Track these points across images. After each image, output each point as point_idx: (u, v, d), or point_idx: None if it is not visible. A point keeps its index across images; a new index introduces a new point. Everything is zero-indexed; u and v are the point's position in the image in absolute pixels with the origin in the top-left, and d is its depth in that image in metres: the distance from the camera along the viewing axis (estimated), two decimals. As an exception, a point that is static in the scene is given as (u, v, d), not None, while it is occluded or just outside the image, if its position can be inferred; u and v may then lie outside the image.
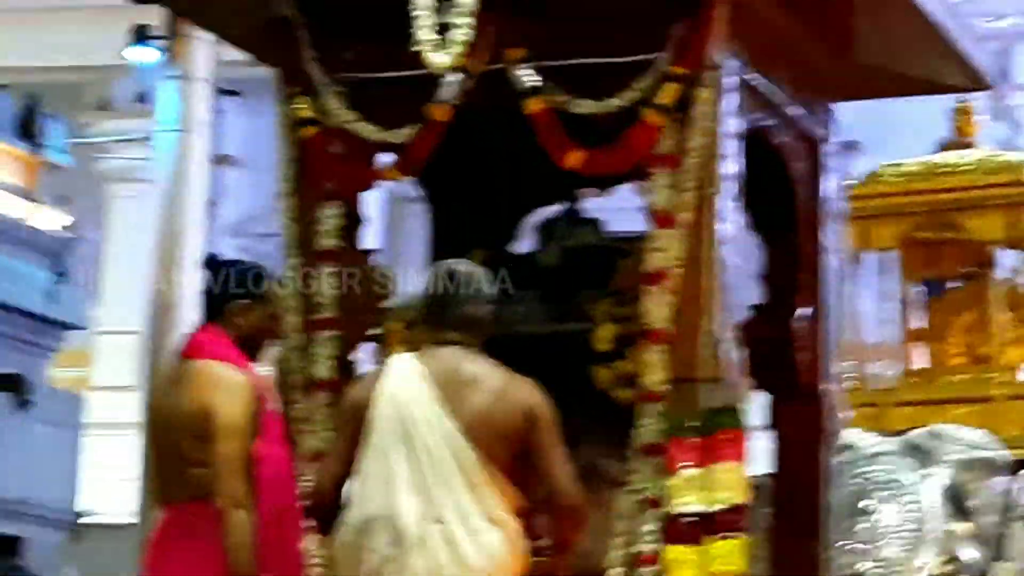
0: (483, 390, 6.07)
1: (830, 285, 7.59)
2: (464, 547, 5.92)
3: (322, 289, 6.93)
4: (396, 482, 6.00)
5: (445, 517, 5.94)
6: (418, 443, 6.02)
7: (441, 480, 5.98)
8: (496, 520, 5.98)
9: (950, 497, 9.85)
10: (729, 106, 6.60)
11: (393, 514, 5.96)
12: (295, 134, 6.98)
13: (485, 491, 5.99)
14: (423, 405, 6.05)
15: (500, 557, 5.97)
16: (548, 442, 6.05)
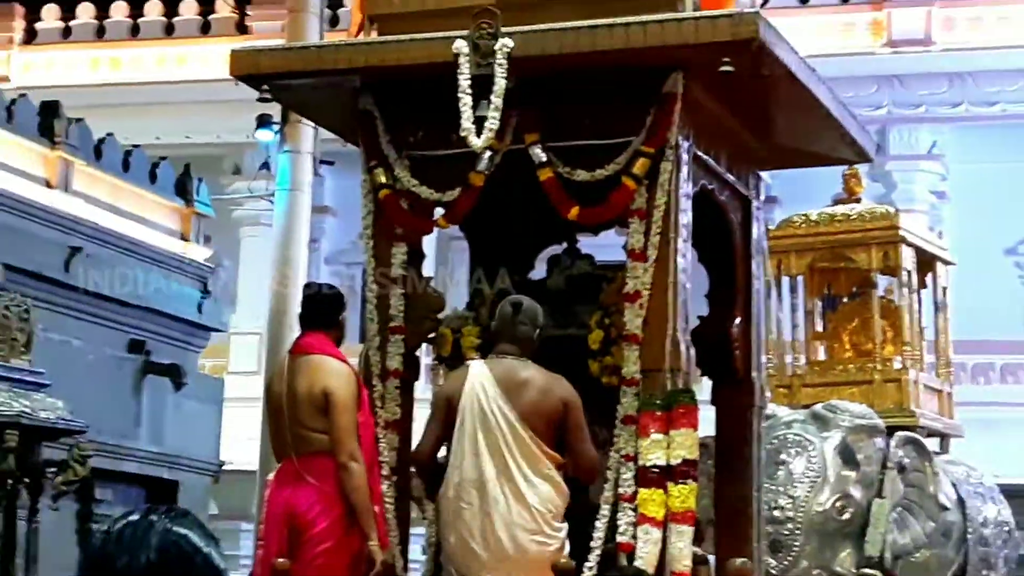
0: (533, 388, 6.46)
1: (757, 301, 7.57)
2: (526, 495, 6.34)
3: (394, 304, 6.93)
4: (479, 454, 6.39)
5: (514, 476, 6.35)
6: (492, 426, 6.39)
7: (508, 453, 6.37)
8: (545, 476, 6.39)
9: (842, 452, 9.81)
10: (684, 174, 6.60)
11: (480, 477, 6.37)
12: (374, 194, 6.97)
13: (537, 457, 6.39)
14: (493, 399, 6.43)
15: (550, 498, 6.38)
16: (576, 424, 6.46)
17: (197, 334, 14.30)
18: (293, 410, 6.61)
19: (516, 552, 6.29)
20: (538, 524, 6.31)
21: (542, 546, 6.33)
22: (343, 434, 6.49)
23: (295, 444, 6.62)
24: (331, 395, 6.51)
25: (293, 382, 6.64)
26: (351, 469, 6.47)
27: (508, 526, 6.32)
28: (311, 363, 6.64)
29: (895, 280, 12.05)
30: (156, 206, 14.22)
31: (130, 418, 13.10)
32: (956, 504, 10.60)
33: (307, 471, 6.56)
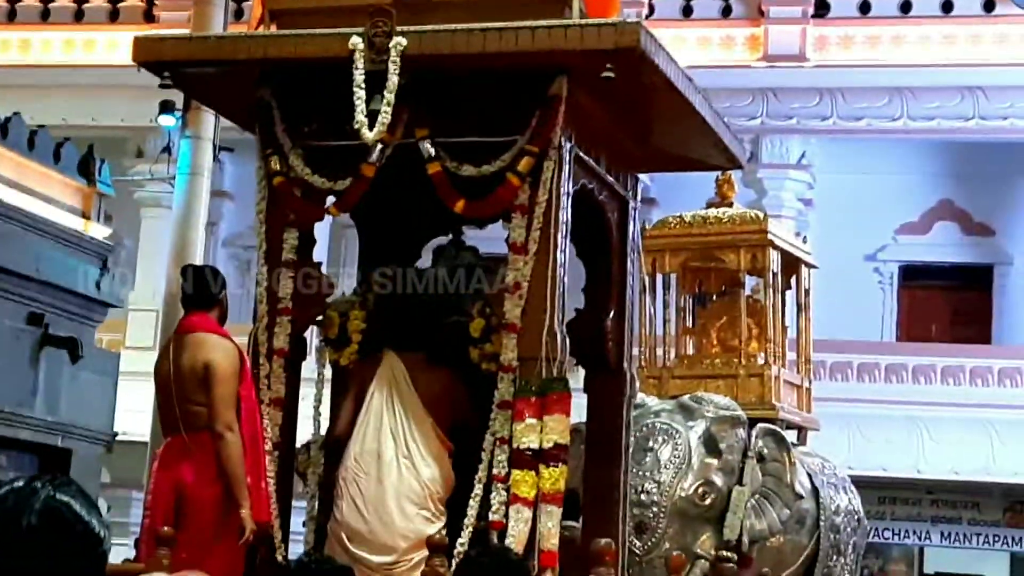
0: (438, 378, 6.87)
1: (631, 296, 7.59)
2: (420, 469, 6.65)
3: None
4: (382, 431, 6.70)
5: (410, 454, 6.66)
6: (397, 407, 6.74)
7: (409, 433, 6.70)
8: (437, 457, 6.75)
9: (706, 441, 9.85)
10: (565, 173, 6.61)
11: (379, 448, 6.68)
12: (269, 181, 6.93)
13: (433, 439, 6.74)
14: (403, 386, 6.81)
15: (438, 480, 6.70)
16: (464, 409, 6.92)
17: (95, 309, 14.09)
18: (179, 386, 6.60)
19: (402, 521, 6.43)
20: (425, 500, 6.51)
21: (426, 522, 6.45)
22: (220, 404, 6.51)
23: (184, 419, 6.61)
24: (210, 367, 6.54)
25: (178, 359, 6.64)
26: (226, 438, 6.49)
27: (398, 496, 6.57)
28: (195, 340, 6.67)
29: (762, 281, 12.13)
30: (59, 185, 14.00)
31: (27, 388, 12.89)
32: (811, 493, 10.69)
33: (195, 445, 6.55)
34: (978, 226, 22.78)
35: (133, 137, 22.94)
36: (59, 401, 13.29)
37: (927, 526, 21.05)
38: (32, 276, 12.87)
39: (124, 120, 22.19)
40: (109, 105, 22.18)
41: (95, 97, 22.25)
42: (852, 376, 20.18)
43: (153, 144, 21.37)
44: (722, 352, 12.04)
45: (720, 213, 12.06)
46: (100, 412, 14.08)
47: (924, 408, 19.48)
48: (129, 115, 21.79)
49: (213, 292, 6.88)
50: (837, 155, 22.59)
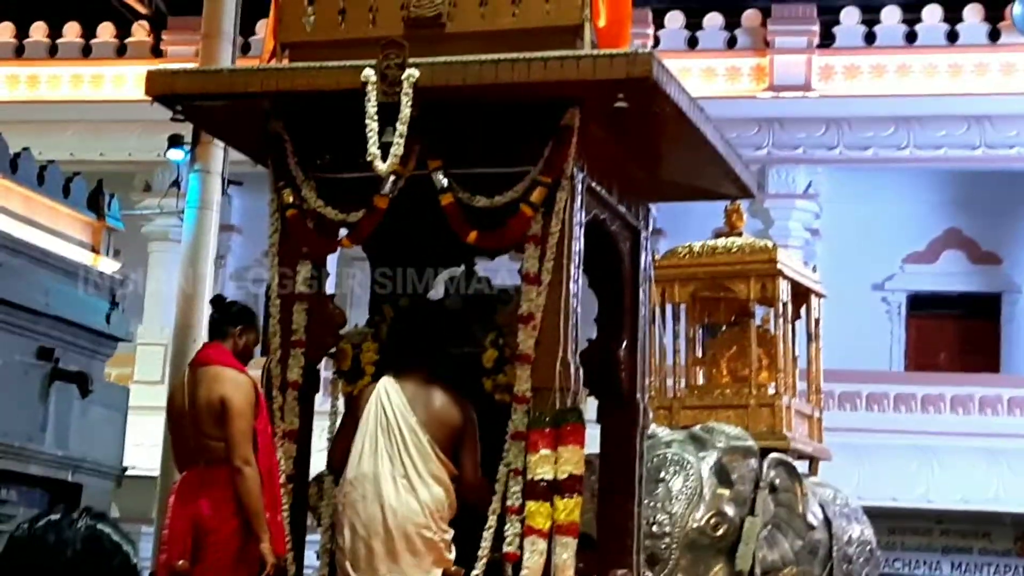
0: (437, 401, 6.70)
1: (643, 326, 7.58)
2: (418, 489, 6.53)
3: (297, 319, 6.88)
4: (378, 452, 6.58)
5: (408, 474, 6.54)
6: (392, 428, 6.61)
7: (405, 453, 6.57)
8: (436, 478, 6.58)
9: (718, 472, 9.83)
10: (578, 204, 6.60)
11: (375, 471, 6.56)
12: (281, 213, 6.93)
13: (431, 458, 6.59)
14: (396, 404, 6.66)
15: (439, 498, 6.57)
16: (470, 444, 6.72)
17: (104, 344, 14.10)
18: (195, 420, 6.59)
19: (404, 543, 6.39)
20: (426, 519, 6.48)
21: (429, 542, 6.40)
22: (237, 439, 6.49)
23: (201, 453, 6.60)
24: (227, 402, 6.52)
25: (194, 393, 6.62)
26: (244, 473, 6.46)
27: (397, 516, 6.47)
28: (209, 373, 6.65)
29: (771, 310, 12.13)
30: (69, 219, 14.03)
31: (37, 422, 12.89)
32: (823, 523, 10.66)
33: (212, 479, 6.53)
34: (985, 255, 22.77)
35: (141, 171, 23.01)
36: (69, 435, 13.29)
37: (938, 556, 20.98)
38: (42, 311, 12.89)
39: (132, 155, 22.27)
40: (117, 140, 22.27)
41: (103, 132, 22.33)
42: (861, 406, 20.15)
43: (161, 178, 21.41)
44: (732, 382, 12.03)
45: (729, 243, 12.06)
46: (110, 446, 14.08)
47: (933, 437, 19.45)
48: (137, 150, 21.88)
49: (227, 322, 6.86)
50: (844, 184, 22.61)
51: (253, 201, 18.40)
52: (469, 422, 6.72)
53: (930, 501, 19.56)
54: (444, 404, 6.70)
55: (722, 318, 12.68)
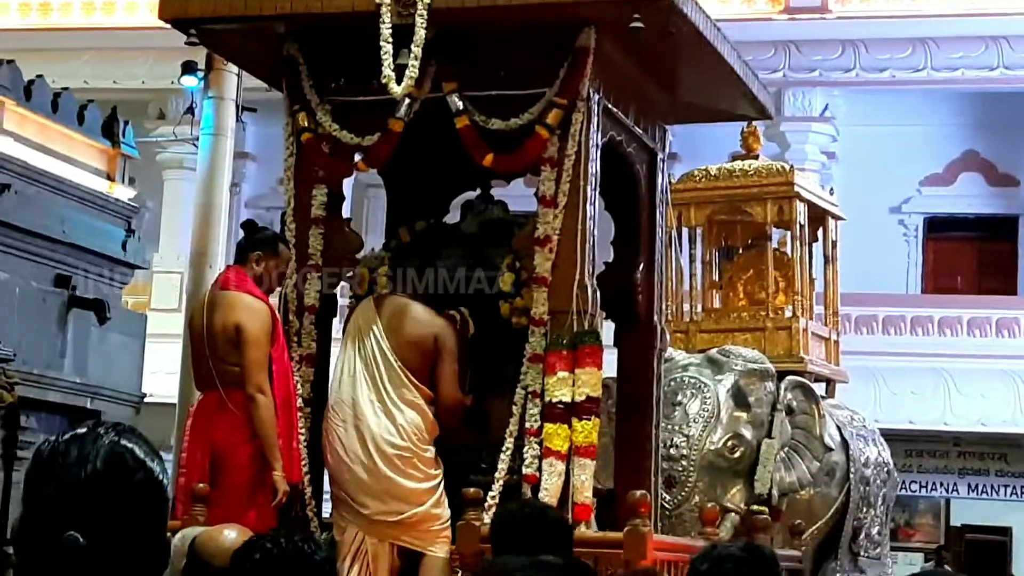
0: (411, 324, 6.62)
1: (660, 249, 7.57)
2: (393, 415, 6.48)
3: (313, 243, 6.87)
4: (356, 378, 6.53)
5: (384, 399, 6.49)
6: (368, 355, 6.57)
7: (380, 379, 6.52)
8: (410, 403, 6.54)
9: (735, 395, 9.82)
10: (594, 125, 6.57)
11: (353, 396, 6.53)
12: (296, 137, 6.91)
13: (405, 385, 6.54)
14: (373, 330, 6.60)
15: (416, 422, 6.50)
16: (445, 360, 6.61)
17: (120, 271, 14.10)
18: (212, 344, 6.58)
19: (385, 464, 6.37)
20: (405, 441, 6.43)
21: (408, 461, 6.38)
22: (252, 367, 6.46)
23: (218, 376, 6.58)
24: (242, 329, 6.49)
25: (211, 317, 6.60)
26: (258, 401, 6.46)
27: (375, 440, 6.45)
28: (226, 299, 6.62)
29: (788, 233, 12.09)
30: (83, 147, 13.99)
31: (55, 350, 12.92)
32: (840, 445, 10.67)
33: (230, 401, 6.52)
34: (1003, 177, 22.65)
35: (155, 99, 22.92)
36: (87, 363, 13.32)
37: (954, 478, 21.02)
38: (58, 238, 12.89)
39: (146, 82, 22.18)
40: (131, 67, 22.18)
41: (117, 59, 22.23)
42: (878, 329, 20.12)
43: (175, 106, 21.34)
44: (749, 305, 12.01)
45: (746, 166, 12.00)
46: (128, 374, 14.11)
47: (950, 360, 19.42)
48: (151, 77, 21.79)
49: (249, 247, 6.80)
50: (860, 107, 22.47)
51: (268, 128, 18.32)
52: (443, 345, 6.63)
53: (947, 424, 19.56)
54: (417, 329, 6.63)
55: (739, 241, 12.64)
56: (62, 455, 2.12)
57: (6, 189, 12.28)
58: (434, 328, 6.63)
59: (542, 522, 4.10)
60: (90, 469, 2.10)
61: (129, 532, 2.09)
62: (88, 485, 2.09)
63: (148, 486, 2.14)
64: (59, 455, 2.13)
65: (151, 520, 2.14)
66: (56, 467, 2.11)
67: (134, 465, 2.14)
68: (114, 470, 2.12)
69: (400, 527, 6.39)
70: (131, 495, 2.11)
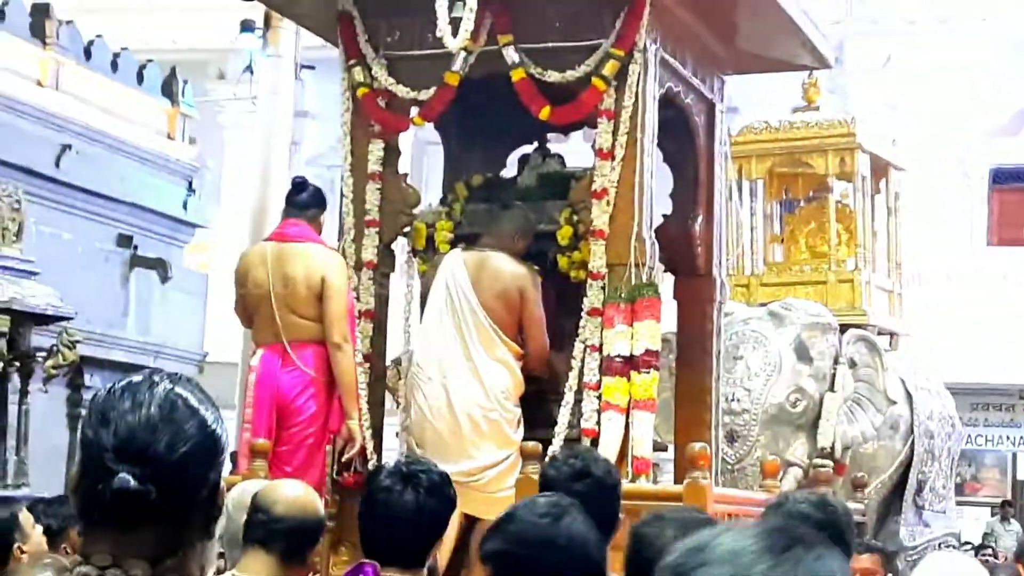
0: (498, 278, 6.61)
1: (719, 200, 7.52)
2: (482, 374, 6.50)
3: (370, 198, 6.87)
4: (445, 333, 6.57)
5: (472, 357, 6.51)
6: (456, 310, 6.59)
7: (470, 335, 6.54)
8: (499, 360, 6.56)
9: (797, 348, 9.79)
10: (651, 76, 6.53)
11: (441, 355, 6.55)
12: (352, 92, 6.90)
13: (494, 342, 6.55)
14: (461, 285, 6.61)
15: (503, 380, 6.52)
16: (529, 314, 6.62)
17: (182, 230, 14.22)
18: (286, 297, 6.50)
19: (469, 425, 6.38)
20: (491, 402, 6.46)
21: (493, 423, 6.39)
22: (337, 317, 6.46)
23: (286, 330, 6.52)
24: (328, 281, 6.45)
25: (284, 269, 6.52)
26: (344, 350, 6.46)
27: (463, 400, 6.47)
28: (304, 251, 6.53)
29: (850, 185, 12.01)
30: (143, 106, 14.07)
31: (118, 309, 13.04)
32: (904, 399, 10.62)
33: (298, 357, 6.50)
34: (1070, 126, 22.40)
35: (214, 59, 23.02)
36: (150, 322, 13.43)
37: (1020, 432, 20.86)
38: (119, 198, 12.98)
39: (205, 42, 22.26)
40: (189, 27, 22.26)
41: (175, 19, 22.33)
42: (943, 282, 19.97)
43: (234, 65, 21.40)
44: (811, 258, 11.95)
45: (807, 117, 11.93)
46: (190, 333, 14.23)
47: (1016, 313, 19.25)
48: (210, 37, 21.86)
49: (315, 202, 6.74)
50: (923, 57, 22.24)
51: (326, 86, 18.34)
52: (530, 299, 6.62)
53: (1013, 376, 19.41)
54: (505, 284, 6.60)
55: (800, 194, 12.58)
56: (117, 401, 2.14)
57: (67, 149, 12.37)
58: (518, 280, 6.63)
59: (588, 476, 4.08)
60: (144, 414, 2.11)
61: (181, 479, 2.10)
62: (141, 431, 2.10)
63: (201, 434, 2.14)
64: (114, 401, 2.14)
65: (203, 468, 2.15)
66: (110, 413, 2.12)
67: (187, 412, 2.14)
68: (167, 417, 2.12)
69: (468, 489, 6.32)
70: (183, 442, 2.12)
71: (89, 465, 2.09)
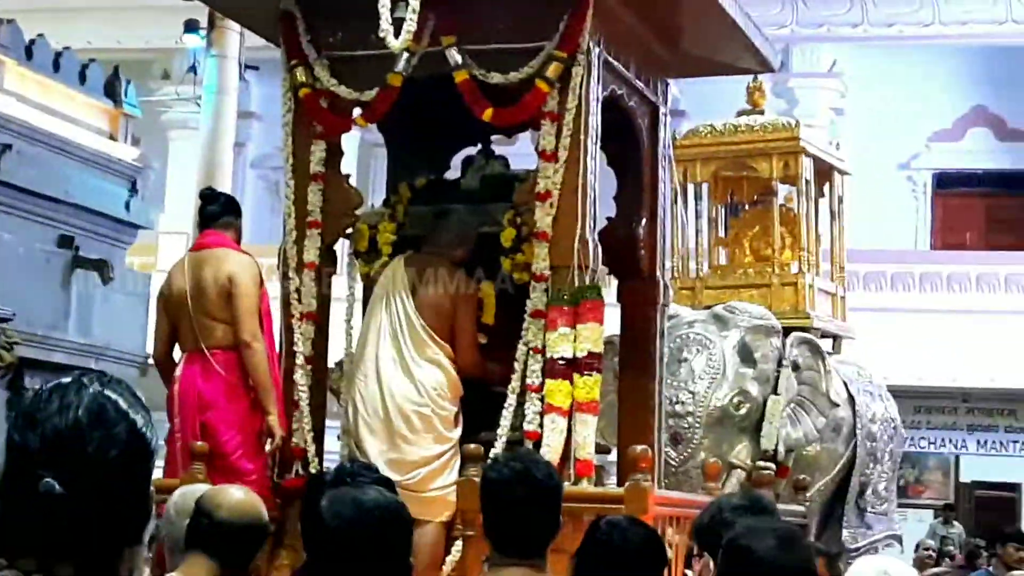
0: (435, 285, 6.69)
1: (663, 203, 7.53)
2: (414, 372, 6.55)
3: (312, 199, 6.84)
4: (381, 334, 6.63)
5: (405, 356, 6.57)
6: (392, 312, 6.66)
7: (403, 336, 6.60)
8: (431, 360, 6.60)
9: (740, 351, 9.81)
10: (595, 79, 6.53)
11: (376, 353, 6.61)
12: (294, 92, 6.88)
13: (426, 344, 6.60)
14: (399, 291, 6.69)
15: (437, 379, 6.57)
16: (460, 325, 6.70)
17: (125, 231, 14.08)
18: (199, 302, 6.61)
19: (402, 421, 6.41)
20: (423, 398, 6.50)
21: (426, 420, 6.41)
22: (245, 315, 6.53)
23: (203, 336, 6.61)
24: (234, 279, 6.56)
25: (198, 275, 6.63)
26: (253, 347, 6.51)
27: (395, 396, 6.50)
28: (215, 255, 6.67)
29: (795, 189, 12.05)
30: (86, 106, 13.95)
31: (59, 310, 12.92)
32: (847, 401, 10.67)
33: (217, 363, 6.55)
34: (1012, 131, 22.59)
35: (158, 59, 22.92)
36: (91, 323, 13.32)
37: (963, 435, 21.01)
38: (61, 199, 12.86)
39: (149, 42, 22.15)
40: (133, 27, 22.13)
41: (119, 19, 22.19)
42: (886, 285, 20.08)
43: (179, 65, 21.35)
44: (755, 261, 11.99)
45: (751, 121, 11.96)
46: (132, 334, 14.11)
47: (959, 316, 19.38)
48: (153, 37, 21.76)
49: (228, 211, 6.90)
50: (868, 63, 22.38)
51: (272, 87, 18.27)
52: (463, 307, 6.70)
53: (955, 380, 19.54)
54: (440, 290, 6.69)
55: (745, 197, 12.62)
56: (44, 403, 2.11)
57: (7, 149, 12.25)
58: (456, 291, 6.69)
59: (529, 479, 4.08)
60: (71, 418, 2.08)
61: (109, 483, 2.07)
62: (68, 434, 2.07)
63: (130, 437, 2.12)
64: (41, 403, 2.11)
65: (133, 472, 2.12)
66: (37, 416, 2.10)
67: (116, 416, 2.12)
68: (96, 420, 2.10)
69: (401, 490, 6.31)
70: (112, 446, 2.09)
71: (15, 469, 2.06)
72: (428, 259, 6.80)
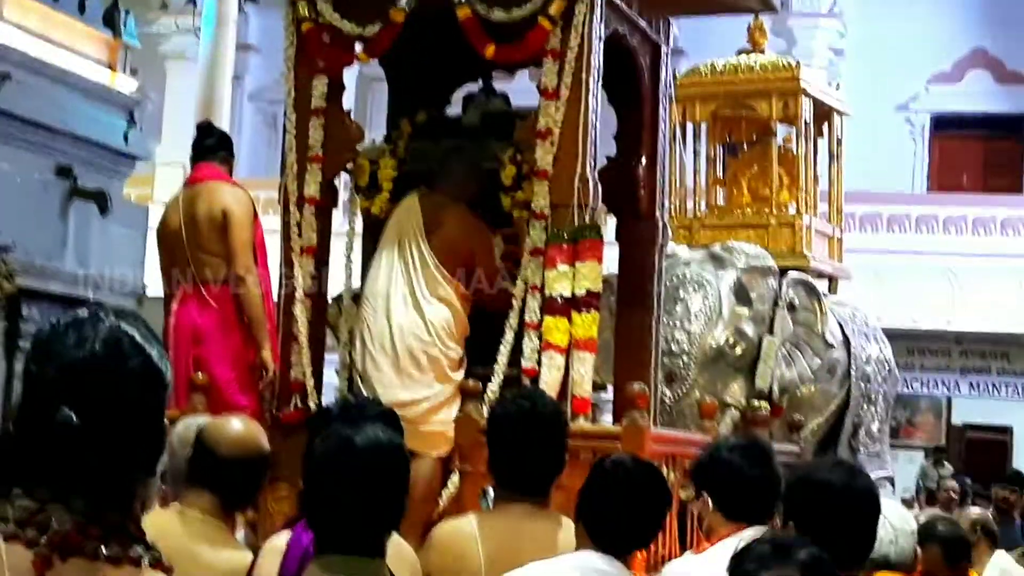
0: (448, 222, 6.66)
1: (662, 143, 7.53)
2: (424, 309, 6.55)
3: (313, 134, 6.84)
4: (393, 269, 6.61)
5: (416, 293, 6.57)
6: (404, 248, 6.64)
7: (415, 273, 6.59)
8: (442, 298, 6.61)
9: (736, 291, 9.83)
10: (597, 16, 6.52)
11: (387, 289, 6.60)
12: (297, 26, 6.86)
13: (438, 281, 6.60)
14: (413, 228, 6.66)
15: (445, 317, 6.58)
16: (482, 265, 6.69)
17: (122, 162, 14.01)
18: (194, 236, 6.63)
19: (409, 359, 6.43)
20: (431, 336, 6.49)
21: (433, 359, 6.43)
22: (239, 248, 6.57)
23: (198, 270, 6.65)
24: (228, 212, 6.60)
25: (192, 210, 6.66)
26: (247, 280, 6.56)
27: (403, 332, 6.50)
28: (208, 188, 6.71)
29: (793, 129, 12.05)
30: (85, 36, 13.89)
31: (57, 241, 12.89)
32: (841, 343, 10.71)
33: (212, 297, 6.59)
34: (1011, 74, 22.55)
35: (157, -11, 22.78)
36: (89, 254, 13.30)
37: (956, 377, 21.11)
38: (59, 128, 12.82)
39: (148, -28, 22.03)
40: (132, -43, 22.01)
41: (117, -51, 22.06)
42: (883, 227, 20.11)
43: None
44: (753, 202, 12.00)
45: (751, 61, 11.95)
46: (130, 266, 14.08)
47: (954, 259, 19.43)
48: (153, -34, 21.64)
49: (222, 144, 6.91)
50: (868, 3, 22.31)
51: (271, 20, 18.21)
52: (481, 247, 6.72)
53: (949, 322, 19.61)
54: (457, 230, 6.67)
55: (743, 137, 12.62)
56: (61, 337, 2.14)
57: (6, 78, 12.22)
58: (474, 232, 6.71)
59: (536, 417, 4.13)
60: (88, 351, 2.11)
61: (125, 416, 2.11)
62: (85, 367, 2.10)
63: (145, 370, 2.15)
64: (58, 337, 2.14)
65: (147, 405, 2.15)
66: (55, 349, 2.13)
67: (132, 349, 2.15)
68: (112, 353, 2.13)
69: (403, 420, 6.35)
70: (127, 379, 2.12)
71: (31, 400, 2.09)
72: (442, 198, 6.77)
